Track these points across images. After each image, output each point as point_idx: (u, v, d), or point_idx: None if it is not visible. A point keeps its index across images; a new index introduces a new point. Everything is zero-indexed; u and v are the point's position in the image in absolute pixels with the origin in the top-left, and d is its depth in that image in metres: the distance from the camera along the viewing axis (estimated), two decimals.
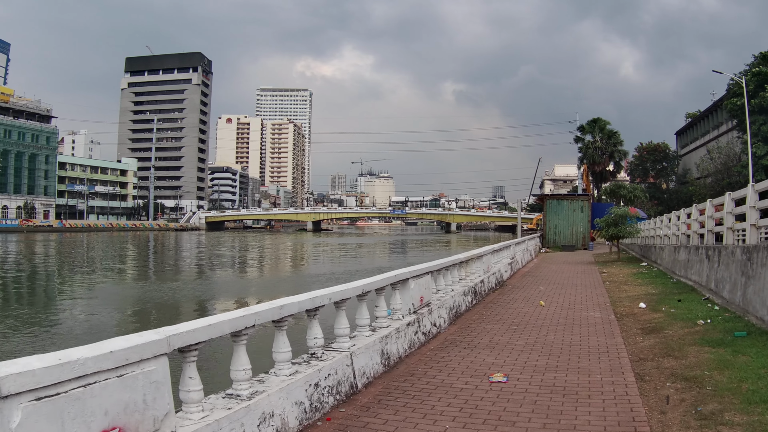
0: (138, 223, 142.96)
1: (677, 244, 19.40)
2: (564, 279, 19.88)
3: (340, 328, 6.87)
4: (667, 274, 19.36)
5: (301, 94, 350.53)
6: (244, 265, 46.35)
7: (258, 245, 77.73)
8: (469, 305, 12.77)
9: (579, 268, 24.51)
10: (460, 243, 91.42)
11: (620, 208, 27.87)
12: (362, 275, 31.40)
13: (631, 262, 26.70)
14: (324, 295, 6.37)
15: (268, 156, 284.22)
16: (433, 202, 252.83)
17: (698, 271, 15.78)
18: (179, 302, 23.54)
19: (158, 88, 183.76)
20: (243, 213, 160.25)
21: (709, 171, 61.16)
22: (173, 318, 18.50)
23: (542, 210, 44.91)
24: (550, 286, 17.52)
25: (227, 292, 27.14)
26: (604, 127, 68.58)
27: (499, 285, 17.11)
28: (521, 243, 25.96)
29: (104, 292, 26.86)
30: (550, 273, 22.33)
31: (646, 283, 17.40)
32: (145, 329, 3.99)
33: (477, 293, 13.92)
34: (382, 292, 8.23)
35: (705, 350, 8.28)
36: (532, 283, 18.38)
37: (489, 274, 16.07)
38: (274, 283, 32.21)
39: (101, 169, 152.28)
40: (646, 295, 14.58)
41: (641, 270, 21.86)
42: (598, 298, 14.78)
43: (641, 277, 19.06)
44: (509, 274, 20.05)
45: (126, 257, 52.92)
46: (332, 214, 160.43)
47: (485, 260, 15.76)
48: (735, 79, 44.79)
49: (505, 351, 8.76)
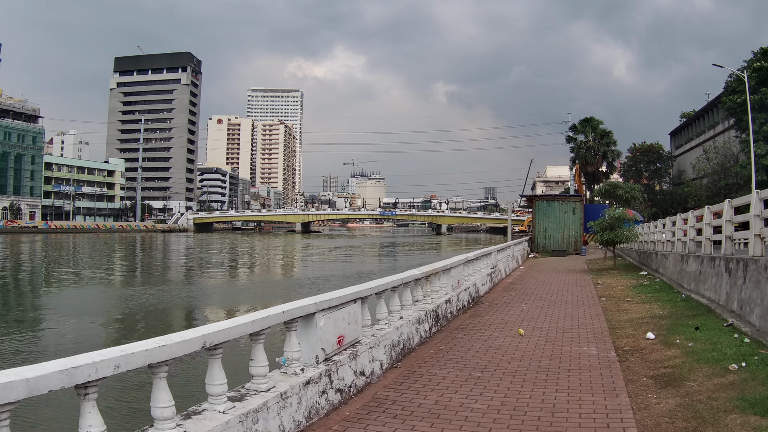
0: (125, 224, 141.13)
1: (685, 251, 16.44)
2: (552, 293, 16.88)
3: (158, 407, 3.98)
4: (672, 287, 16.42)
5: (292, 95, 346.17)
6: (215, 270, 43.32)
7: (240, 248, 75.11)
8: (425, 336, 9.75)
9: (570, 278, 21.53)
10: (447, 245, 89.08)
11: (616, 209, 24.82)
12: (337, 280, 28.41)
13: (628, 270, 23.72)
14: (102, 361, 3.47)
15: (259, 157, 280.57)
16: (424, 203, 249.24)
17: (714, 287, 12.83)
18: (139, 311, 21.22)
19: (147, 88, 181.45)
20: (231, 214, 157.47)
21: (706, 172, 58.71)
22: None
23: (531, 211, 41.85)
24: (535, 304, 14.51)
25: (185, 300, 24.90)
26: (596, 127, 65.89)
27: (473, 302, 14.09)
28: (505, 249, 22.91)
29: (73, 297, 25.41)
30: (537, 285, 19.32)
31: (649, 299, 14.42)
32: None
33: (440, 317, 10.89)
34: (261, 337, 5.24)
35: (752, 421, 5.39)
36: (513, 299, 15.37)
37: (460, 290, 13.05)
38: (233, 291, 29.18)
39: (88, 170, 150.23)
40: (652, 318, 11.61)
41: (641, 281, 18.90)
42: (592, 322, 11.77)
43: (643, 291, 16.09)
44: (488, 287, 17.03)
45: (106, 260, 50.53)
46: (321, 216, 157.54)
47: (454, 274, 12.73)
48: (736, 74, 42.00)
49: (452, 426, 5.74)
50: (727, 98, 47.86)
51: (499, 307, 13.74)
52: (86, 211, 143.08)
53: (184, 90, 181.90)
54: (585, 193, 59.88)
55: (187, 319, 20.22)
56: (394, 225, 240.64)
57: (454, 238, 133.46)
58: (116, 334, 17.39)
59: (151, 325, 18.51)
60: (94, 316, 20.09)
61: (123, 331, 17.78)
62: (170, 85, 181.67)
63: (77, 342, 15.11)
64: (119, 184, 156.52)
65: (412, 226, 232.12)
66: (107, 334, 17.50)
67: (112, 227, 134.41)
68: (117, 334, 17.35)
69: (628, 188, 40.38)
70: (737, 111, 47.51)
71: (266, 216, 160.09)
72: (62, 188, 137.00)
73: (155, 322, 19.17)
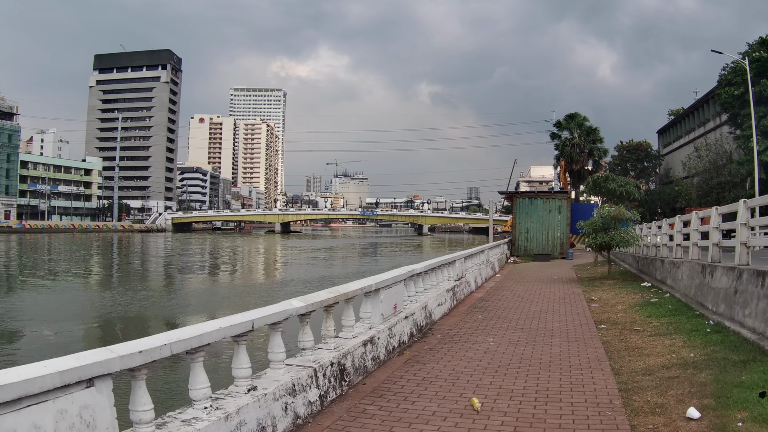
0: (101, 224, 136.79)
1: (707, 260, 12.26)
2: (532, 316, 12.56)
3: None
4: (690, 306, 12.23)
5: (275, 94, 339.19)
6: (177, 273, 39.55)
7: (214, 249, 71.00)
8: (310, 414, 5.44)
9: (556, 291, 17.20)
10: (425, 246, 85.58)
11: (609, 207, 20.21)
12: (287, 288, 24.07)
13: (626, 280, 19.38)
14: None
15: (241, 156, 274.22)
16: (407, 203, 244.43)
17: (764, 314, 8.66)
18: (104, 317, 19.57)
19: (126, 85, 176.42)
20: (210, 214, 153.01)
21: (697, 170, 55.13)
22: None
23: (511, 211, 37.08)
24: (508, 335, 10.19)
25: (152, 305, 22.96)
26: (582, 123, 61.97)
27: (419, 335, 9.78)
28: (476, 255, 18.52)
29: (33, 301, 23.67)
30: (514, 301, 14.89)
31: (666, 327, 10.16)
32: None
33: (343, 375, 6.56)
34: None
35: None
36: (479, 327, 11.05)
37: (396, 319, 8.74)
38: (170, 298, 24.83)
39: (65, 169, 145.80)
40: (681, 367, 7.37)
41: (647, 296, 14.63)
42: (592, 375, 7.44)
43: (654, 314, 11.83)
44: (448, 307, 12.65)
45: (75, 263, 46.77)
46: (301, 216, 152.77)
47: (387, 297, 8.40)
48: (736, 61, 38.04)
49: None
50: (722, 90, 44.09)
51: (455, 343, 9.42)
52: (63, 210, 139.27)
53: (164, 88, 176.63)
54: (570, 191, 55.76)
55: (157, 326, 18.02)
56: (377, 225, 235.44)
57: (436, 238, 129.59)
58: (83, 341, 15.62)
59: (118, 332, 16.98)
60: (58, 322, 18.31)
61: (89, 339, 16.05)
62: (150, 83, 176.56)
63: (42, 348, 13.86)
64: (96, 183, 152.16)
65: (395, 226, 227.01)
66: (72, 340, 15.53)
67: (88, 227, 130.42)
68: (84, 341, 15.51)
69: (622, 182, 34.22)
70: (733, 105, 43.86)
71: (245, 216, 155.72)
72: (38, 187, 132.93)
73: (126, 328, 17.78)
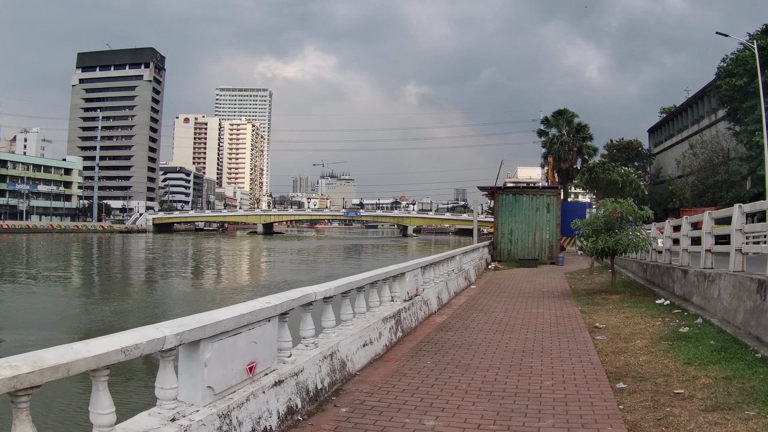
0: (81, 224, 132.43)
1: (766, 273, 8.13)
2: (510, 362, 8.01)
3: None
4: (739, 340, 8.08)
5: (260, 95, 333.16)
6: (142, 277, 36.66)
7: (190, 250, 67.52)
8: None
9: (546, 314, 12.78)
10: (414, 247, 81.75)
11: (613, 202, 15.36)
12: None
13: (633, 294, 14.91)
14: None
15: (226, 157, 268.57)
16: (393, 204, 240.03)
17: None
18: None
19: (109, 84, 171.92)
20: (191, 215, 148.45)
21: (692, 168, 51.51)
22: None
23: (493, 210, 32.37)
24: (464, 414, 5.83)
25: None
26: (571, 120, 58.06)
27: (308, 407, 5.55)
28: (442, 262, 14.09)
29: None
30: (486, 333, 10.36)
31: (728, 391, 5.94)
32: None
33: None
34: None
35: None
36: (417, 390, 6.56)
37: (245, 393, 4.54)
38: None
39: (45, 168, 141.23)
40: None
41: (671, 321, 10.31)
42: None
43: (693, 356, 7.53)
44: (385, 345, 8.19)
45: (45, 265, 43.40)
46: (284, 217, 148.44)
47: (218, 358, 4.19)
48: (744, 44, 34.15)
49: None
50: (722, 82, 40.30)
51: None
52: (42, 210, 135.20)
53: (147, 86, 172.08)
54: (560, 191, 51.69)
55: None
56: (363, 226, 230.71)
57: (421, 239, 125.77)
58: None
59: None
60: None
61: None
62: (132, 81, 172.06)
63: None
64: (77, 182, 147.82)
65: (381, 227, 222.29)
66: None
67: (67, 227, 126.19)
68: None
69: (624, 173, 26.81)
70: (734, 97, 40.11)
71: (226, 216, 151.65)
72: (17, 186, 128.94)
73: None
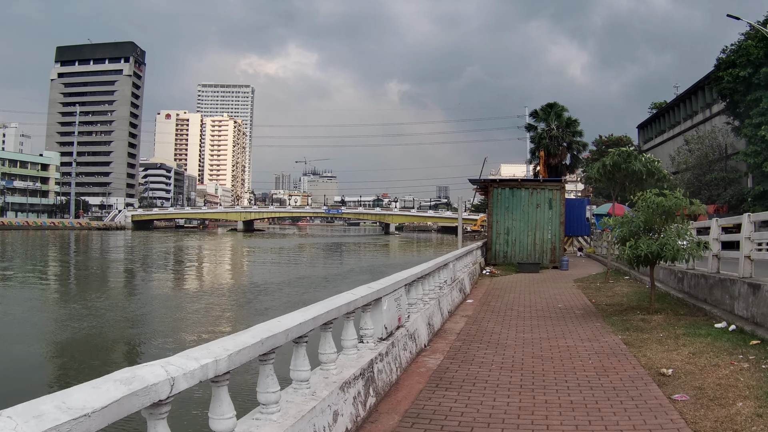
0: (57, 221, 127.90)
1: None
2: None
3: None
4: None
5: (243, 91, 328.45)
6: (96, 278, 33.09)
7: (164, 249, 64.53)
8: None
9: (579, 347, 8.83)
10: (396, 246, 78.62)
11: (656, 195, 11.33)
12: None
13: (678, 313, 11.48)
14: None
15: (207, 153, 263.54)
16: (375, 202, 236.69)
17: None
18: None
19: (88, 78, 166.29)
20: (171, 212, 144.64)
21: (688, 165, 48.86)
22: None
23: (487, 207, 28.61)
24: None
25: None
26: (561, 114, 54.91)
27: None
28: (434, 273, 10.65)
29: None
30: (503, 388, 6.48)
31: None
32: None
33: None
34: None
35: None
36: None
37: None
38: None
39: (21, 163, 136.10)
40: None
41: (762, 361, 7.23)
42: None
43: None
44: (350, 425, 5.13)
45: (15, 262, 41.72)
46: (264, 214, 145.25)
47: None
48: (755, 26, 31.45)
49: None
50: (724, 73, 37.55)
51: None
52: (18, 207, 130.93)
53: (127, 81, 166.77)
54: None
55: None
56: (345, 224, 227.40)
57: (404, 237, 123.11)
58: None
59: None
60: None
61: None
62: (112, 75, 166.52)
63: None
64: (54, 178, 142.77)
65: (363, 225, 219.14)
66: None
67: (44, 224, 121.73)
68: None
69: (648, 160, 19.24)
70: (735, 90, 37.44)
71: (206, 214, 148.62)
72: None
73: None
